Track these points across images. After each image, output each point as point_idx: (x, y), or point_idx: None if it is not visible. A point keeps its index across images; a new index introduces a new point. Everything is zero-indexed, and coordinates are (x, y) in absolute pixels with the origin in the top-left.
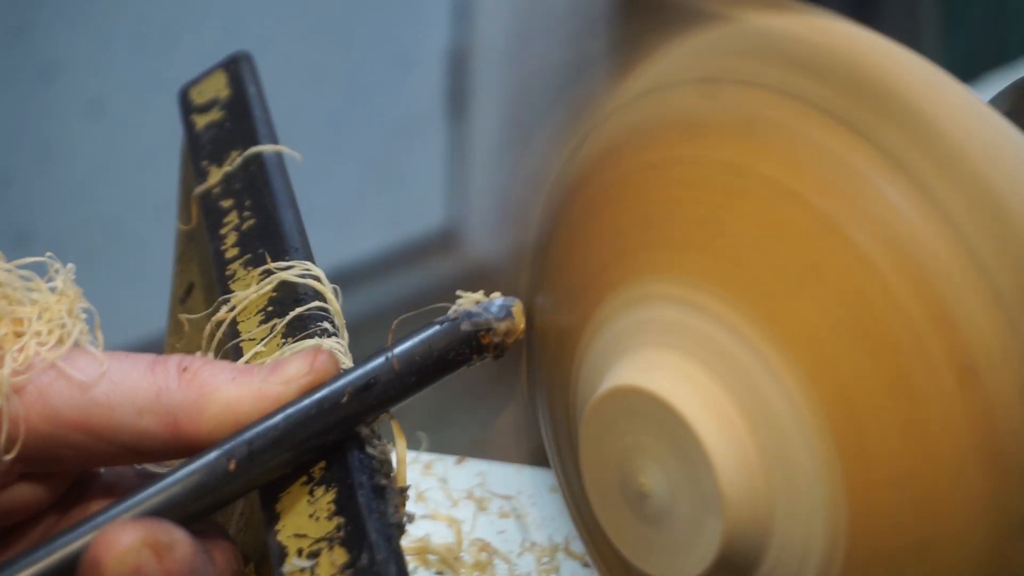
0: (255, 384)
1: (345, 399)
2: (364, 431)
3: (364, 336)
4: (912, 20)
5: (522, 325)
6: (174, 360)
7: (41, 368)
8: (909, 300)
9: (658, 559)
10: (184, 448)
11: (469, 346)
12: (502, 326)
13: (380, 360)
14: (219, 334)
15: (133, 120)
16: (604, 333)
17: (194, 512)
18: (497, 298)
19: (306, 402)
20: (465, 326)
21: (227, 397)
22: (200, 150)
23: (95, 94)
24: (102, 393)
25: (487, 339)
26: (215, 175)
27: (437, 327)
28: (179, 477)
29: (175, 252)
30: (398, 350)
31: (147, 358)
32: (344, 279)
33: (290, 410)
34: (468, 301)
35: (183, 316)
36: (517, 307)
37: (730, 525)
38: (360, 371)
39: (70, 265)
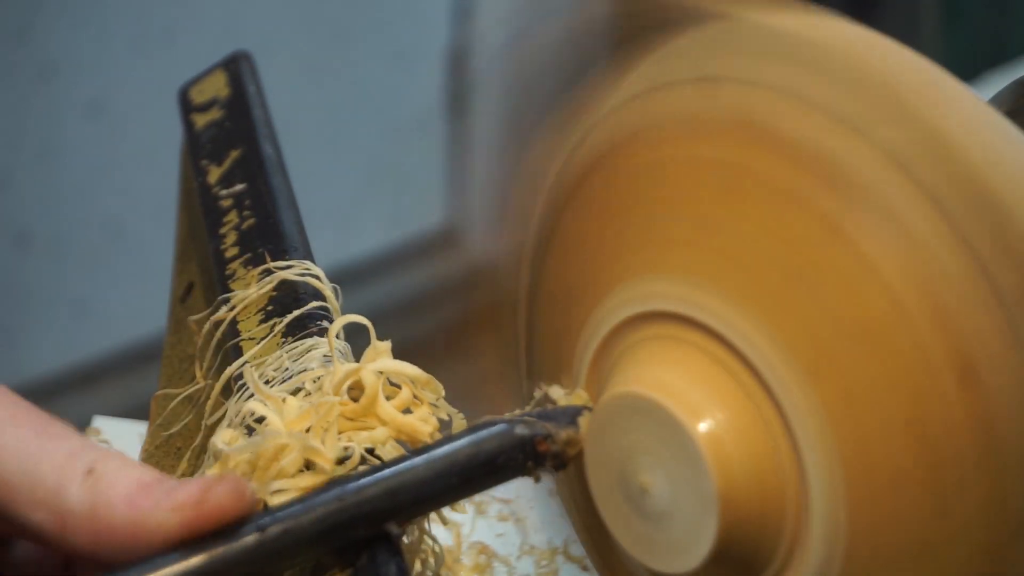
0: (142, 508)
1: (372, 494)
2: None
3: (364, 336)
4: (912, 20)
5: None
6: (87, 458)
7: None
8: (909, 300)
9: (659, 555)
10: (68, 550)
11: (523, 452)
12: (563, 434)
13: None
14: (219, 334)
15: (133, 120)
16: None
17: None
18: (566, 404)
19: (329, 493)
20: (520, 429)
21: (111, 517)
22: (200, 149)
23: (95, 94)
24: (11, 471)
25: (544, 446)
26: (215, 174)
27: (489, 427)
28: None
29: (175, 252)
30: (443, 447)
31: (67, 445)
32: (344, 278)
33: (313, 499)
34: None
35: (189, 319)
36: (585, 417)
37: (726, 524)
38: (397, 467)
39: None
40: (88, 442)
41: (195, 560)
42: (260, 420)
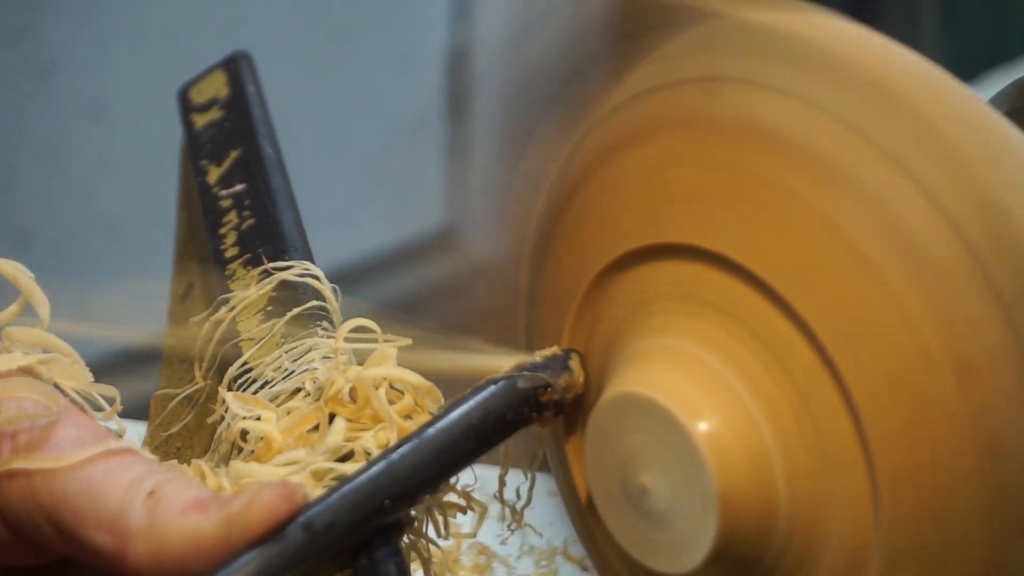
0: (195, 521)
1: (402, 470)
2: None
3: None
4: (912, 20)
5: (581, 379)
6: (150, 481)
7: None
8: (909, 300)
9: (659, 555)
10: (129, 572)
11: (528, 405)
12: (561, 381)
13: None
14: (218, 334)
15: (133, 120)
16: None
17: None
18: (551, 353)
19: (362, 477)
20: (522, 384)
21: (169, 534)
22: (199, 149)
23: (95, 94)
24: (78, 492)
25: (546, 396)
26: (214, 174)
27: (492, 387)
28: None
29: (175, 252)
30: (454, 413)
31: (133, 469)
32: (343, 279)
33: (345, 487)
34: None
35: (189, 320)
36: (574, 360)
37: (726, 524)
38: (417, 440)
39: None
40: (152, 466)
41: (251, 565)
42: (244, 435)
